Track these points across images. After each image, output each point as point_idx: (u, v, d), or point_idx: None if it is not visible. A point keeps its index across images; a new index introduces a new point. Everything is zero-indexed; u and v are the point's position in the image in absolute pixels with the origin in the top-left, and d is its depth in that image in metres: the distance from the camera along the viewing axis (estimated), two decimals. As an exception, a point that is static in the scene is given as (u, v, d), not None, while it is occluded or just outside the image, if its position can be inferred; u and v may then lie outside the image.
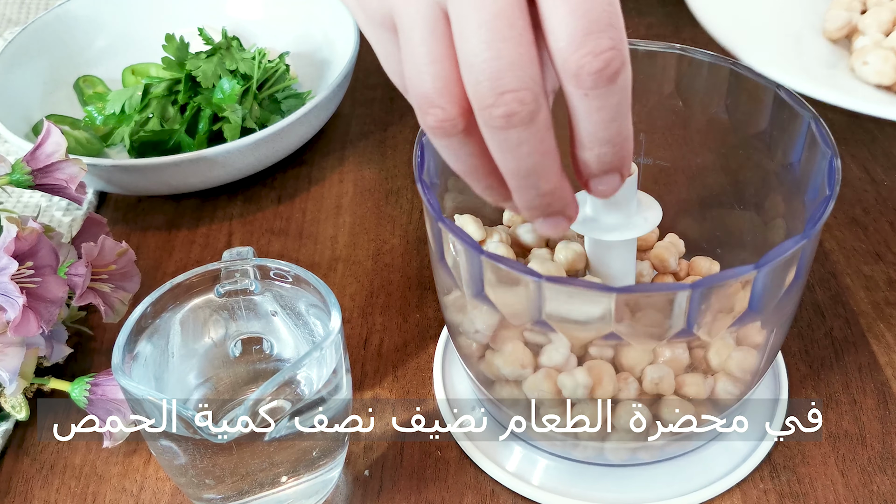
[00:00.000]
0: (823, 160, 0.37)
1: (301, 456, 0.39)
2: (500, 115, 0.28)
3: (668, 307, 0.34)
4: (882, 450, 0.43)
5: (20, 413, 0.45)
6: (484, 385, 0.42)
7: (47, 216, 0.59)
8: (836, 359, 0.48)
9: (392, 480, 0.43)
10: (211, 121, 0.61)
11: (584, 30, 0.27)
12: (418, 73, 0.29)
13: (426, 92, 0.29)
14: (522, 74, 0.28)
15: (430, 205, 0.36)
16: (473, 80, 0.28)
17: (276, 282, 0.41)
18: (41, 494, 0.44)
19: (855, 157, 0.60)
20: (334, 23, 0.68)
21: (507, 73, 0.28)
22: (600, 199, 0.39)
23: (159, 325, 0.40)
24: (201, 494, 0.39)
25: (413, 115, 0.66)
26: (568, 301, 0.34)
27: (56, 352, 0.46)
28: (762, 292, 0.34)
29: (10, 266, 0.41)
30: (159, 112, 0.63)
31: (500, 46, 0.28)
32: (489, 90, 0.28)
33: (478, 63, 0.28)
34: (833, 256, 0.53)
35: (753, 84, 0.41)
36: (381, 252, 0.56)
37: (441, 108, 0.29)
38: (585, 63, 0.28)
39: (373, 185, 0.61)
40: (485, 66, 0.28)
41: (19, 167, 0.47)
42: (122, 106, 0.64)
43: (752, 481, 0.42)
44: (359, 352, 0.50)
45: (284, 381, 0.35)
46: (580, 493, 0.42)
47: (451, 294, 0.40)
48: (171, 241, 0.58)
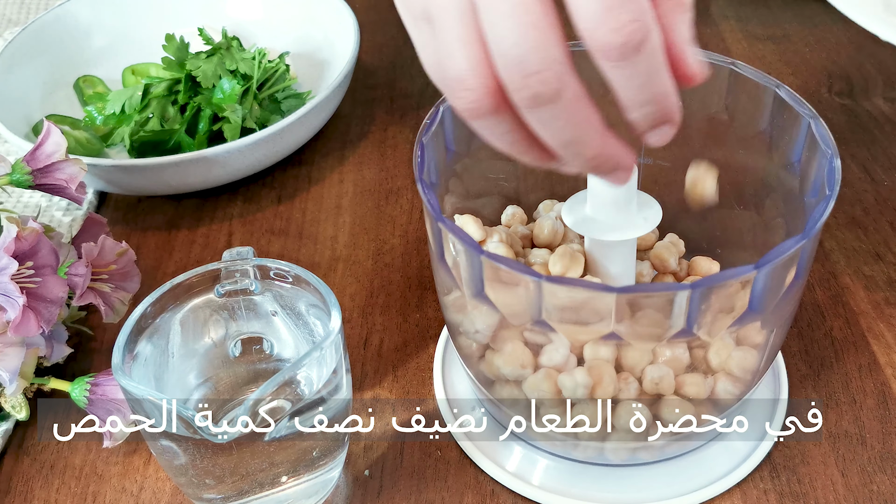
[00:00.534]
0: (823, 160, 0.37)
1: (301, 456, 0.39)
2: (527, 96, 0.30)
3: (668, 307, 0.34)
4: (882, 450, 0.43)
5: (20, 413, 0.45)
6: (484, 385, 0.42)
7: (47, 216, 0.59)
8: (836, 359, 0.48)
9: (392, 480, 0.43)
10: (211, 121, 0.61)
11: (604, 6, 0.29)
12: (449, 57, 0.31)
13: (458, 73, 0.31)
14: (545, 56, 0.29)
15: (430, 205, 0.36)
16: (502, 65, 0.30)
17: (276, 282, 0.41)
18: (41, 494, 0.44)
19: (855, 157, 0.60)
20: (334, 23, 0.68)
21: (531, 56, 0.29)
22: (600, 200, 0.39)
23: (159, 325, 0.40)
24: (201, 494, 0.39)
25: (413, 116, 0.67)
26: (568, 301, 0.34)
27: (56, 352, 0.46)
28: (762, 292, 0.34)
29: (11, 266, 0.41)
30: (159, 112, 0.63)
31: (523, 32, 0.29)
32: (516, 73, 0.30)
33: (504, 49, 0.30)
34: (833, 256, 0.53)
35: (753, 84, 0.41)
36: (381, 252, 0.56)
37: (471, 89, 0.31)
38: (609, 39, 0.29)
39: (373, 185, 0.61)
40: (510, 51, 0.30)
41: (19, 167, 0.47)
42: (122, 106, 0.64)
43: (752, 481, 0.42)
44: (359, 352, 0.50)
45: (284, 381, 0.35)
46: (580, 493, 0.42)
47: (450, 294, 0.40)
48: (171, 241, 0.58)
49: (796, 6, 0.76)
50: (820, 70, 0.69)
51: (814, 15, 0.75)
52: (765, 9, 0.76)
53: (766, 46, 0.72)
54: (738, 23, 0.75)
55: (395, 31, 0.76)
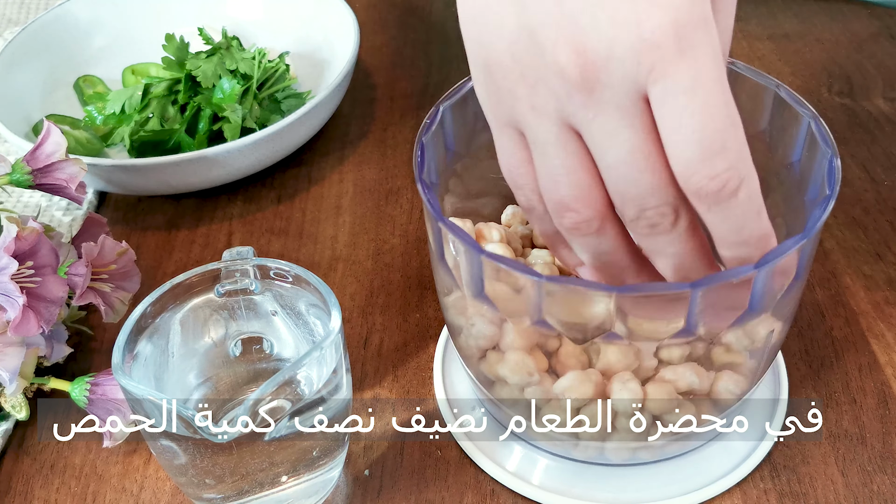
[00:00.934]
0: (823, 160, 0.37)
1: (301, 456, 0.39)
2: (644, 226, 0.32)
3: (669, 307, 0.34)
4: (882, 449, 0.43)
5: (20, 413, 0.45)
6: (484, 385, 0.42)
7: (47, 216, 0.59)
8: (836, 358, 0.48)
9: (392, 480, 0.43)
10: (211, 120, 0.61)
11: (699, 155, 0.29)
12: (554, 183, 0.32)
13: (562, 199, 0.32)
14: (661, 194, 0.31)
15: (430, 205, 0.36)
16: (619, 202, 0.32)
17: (276, 281, 0.41)
18: (41, 494, 0.44)
19: (855, 156, 0.60)
20: (334, 23, 0.67)
21: (648, 197, 0.31)
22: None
23: (159, 325, 0.40)
24: (201, 494, 0.39)
25: (412, 116, 0.67)
26: (568, 301, 0.34)
27: (56, 352, 0.46)
28: (762, 292, 0.34)
29: (11, 266, 0.41)
30: (159, 112, 0.63)
31: (639, 177, 0.31)
32: (634, 209, 0.31)
33: (621, 188, 0.31)
34: (833, 256, 0.53)
35: (753, 84, 0.41)
36: (381, 252, 0.56)
37: (576, 211, 0.32)
38: (703, 185, 0.30)
39: (373, 184, 0.61)
40: (628, 192, 0.31)
41: (19, 167, 0.47)
42: (121, 106, 0.64)
43: (752, 481, 0.42)
44: (359, 351, 0.50)
45: (284, 380, 0.35)
46: (580, 492, 0.42)
47: (451, 294, 0.40)
48: (171, 240, 0.58)
49: (796, 6, 0.76)
50: (820, 70, 0.69)
51: (814, 15, 0.75)
52: (765, 8, 0.76)
53: (766, 46, 0.72)
54: (737, 22, 0.74)
55: (395, 31, 0.76)
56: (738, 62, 0.42)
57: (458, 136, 0.42)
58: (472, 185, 0.45)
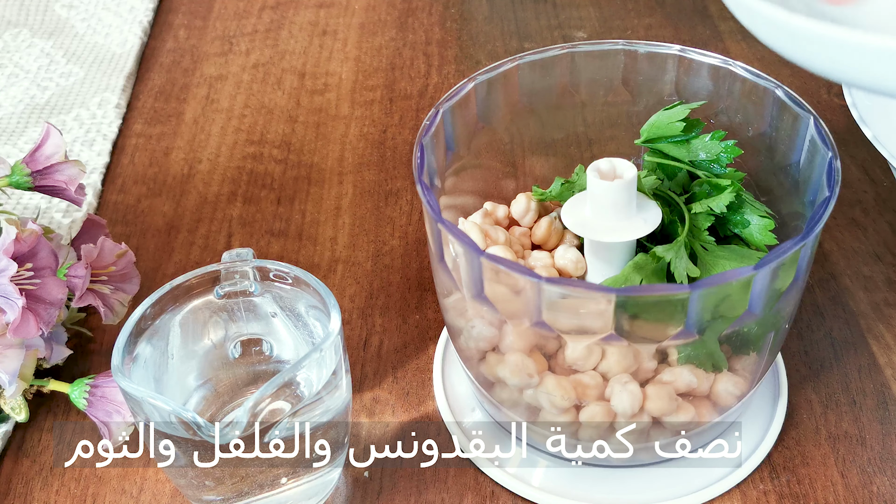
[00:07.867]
0: (823, 161, 0.37)
1: (300, 457, 0.39)
2: None
3: (668, 308, 0.34)
4: (882, 451, 0.43)
5: (20, 415, 0.45)
6: (484, 386, 0.42)
7: (47, 218, 0.59)
8: (835, 360, 0.48)
9: (392, 481, 0.43)
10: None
11: None
12: None
13: None
14: None
15: (430, 206, 0.36)
16: None
17: (276, 283, 0.41)
18: (41, 496, 0.44)
19: (854, 157, 0.60)
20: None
21: None
22: (600, 202, 0.39)
23: (159, 327, 0.40)
24: (201, 496, 0.39)
25: (412, 117, 0.67)
26: (568, 302, 0.34)
27: (56, 353, 0.46)
28: (762, 292, 0.34)
29: (10, 268, 0.41)
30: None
31: None
32: None
33: None
34: (832, 257, 0.53)
35: (753, 85, 0.41)
36: (380, 253, 0.56)
37: None
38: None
39: (372, 186, 0.61)
40: None
41: (19, 169, 0.47)
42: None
43: (752, 482, 0.42)
44: (358, 353, 0.50)
45: (284, 382, 0.35)
46: (580, 494, 0.42)
47: (451, 296, 0.40)
48: (170, 242, 0.58)
49: (795, 7, 0.76)
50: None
51: (813, 16, 0.75)
52: (764, 10, 0.76)
53: (766, 47, 0.72)
54: (737, 23, 0.75)
55: (395, 32, 0.76)
56: (738, 62, 0.42)
57: (458, 138, 0.42)
58: (472, 186, 0.45)
